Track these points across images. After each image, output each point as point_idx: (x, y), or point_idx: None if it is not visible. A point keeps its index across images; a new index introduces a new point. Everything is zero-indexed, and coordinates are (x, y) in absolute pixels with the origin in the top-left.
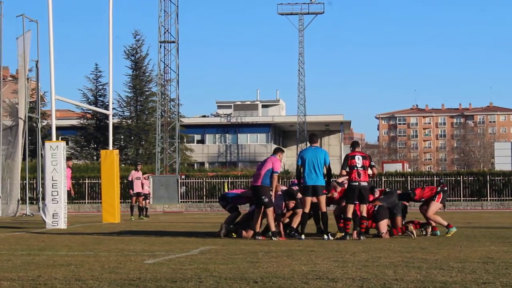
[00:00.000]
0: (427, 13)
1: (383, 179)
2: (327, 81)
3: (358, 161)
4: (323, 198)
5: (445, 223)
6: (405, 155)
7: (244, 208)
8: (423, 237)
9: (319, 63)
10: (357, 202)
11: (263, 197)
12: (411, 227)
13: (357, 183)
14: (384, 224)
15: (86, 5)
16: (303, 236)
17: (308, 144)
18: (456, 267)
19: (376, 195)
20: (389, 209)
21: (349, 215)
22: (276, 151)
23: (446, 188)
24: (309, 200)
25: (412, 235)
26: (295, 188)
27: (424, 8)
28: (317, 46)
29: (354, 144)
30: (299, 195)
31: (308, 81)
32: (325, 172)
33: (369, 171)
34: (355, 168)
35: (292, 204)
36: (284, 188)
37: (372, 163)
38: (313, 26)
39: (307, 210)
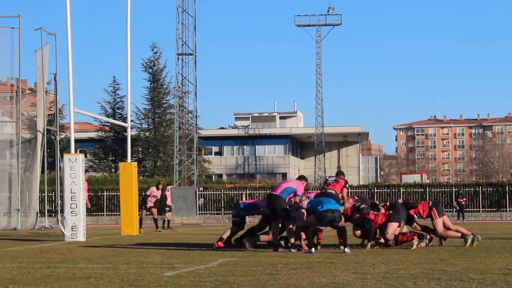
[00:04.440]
0: (445, 23)
1: (401, 190)
2: (345, 92)
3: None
4: (342, 221)
5: (458, 235)
6: (424, 166)
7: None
8: (442, 248)
9: (337, 74)
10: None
11: (280, 210)
12: (415, 240)
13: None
14: (393, 226)
15: (104, 18)
16: (313, 250)
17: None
18: (476, 279)
19: (382, 211)
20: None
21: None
22: (301, 178)
23: (436, 201)
24: (315, 223)
25: (412, 246)
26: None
27: (441, 19)
28: (334, 57)
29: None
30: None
31: (325, 92)
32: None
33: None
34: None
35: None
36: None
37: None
38: (330, 37)
39: (304, 225)
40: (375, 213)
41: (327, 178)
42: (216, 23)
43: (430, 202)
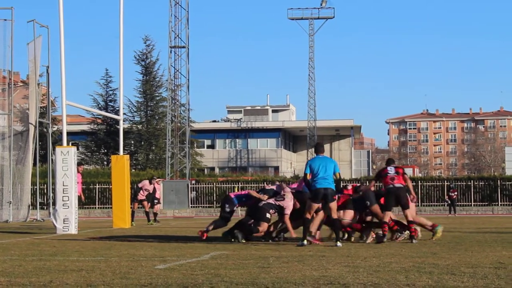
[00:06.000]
0: (438, 18)
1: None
2: (337, 86)
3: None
4: (334, 205)
5: (430, 223)
6: (416, 160)
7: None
8: (433, 242)
9: (329, 67)
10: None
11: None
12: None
13: (391, 186)
14: (349, 213)
15: (96, 11)
16: (305, 242)
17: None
18: (468, 273)
19: (349, 188)
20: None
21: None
22: None
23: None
24: (315, 206)
25: (365, 240)
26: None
27: (434, 13)
28: (327, 51)
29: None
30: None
31: (318, 86)
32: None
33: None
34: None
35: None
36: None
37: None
38: (323, 31)
39: (309, 216)
40: (337, 195)
41: (388, 171)
42: (209, 16)
43: None
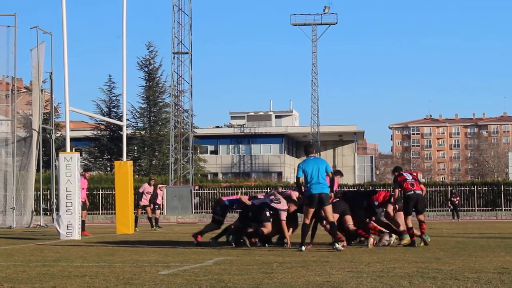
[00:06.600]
0: (440, 23)
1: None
2: (340, 91)
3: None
4: (329, 208)
5: (402, 229)
6: (419, 165)
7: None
8: (437, 247)
9: (332, 73)
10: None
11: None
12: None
13: (412, 192)
14: (349, 218)
15: (99, 16)
16: (303, 248)
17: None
18: (472, 278)
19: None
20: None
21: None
22: (336, 173)
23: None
24: (312, 211)
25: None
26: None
27: (437, 18)
28: (330, 56)
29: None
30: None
31: (321, 91)
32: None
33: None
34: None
35: (292, 207)
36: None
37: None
38: (326, 36)
39: (308, 221)
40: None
41: (406, 177)
42: (212, 22)
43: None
